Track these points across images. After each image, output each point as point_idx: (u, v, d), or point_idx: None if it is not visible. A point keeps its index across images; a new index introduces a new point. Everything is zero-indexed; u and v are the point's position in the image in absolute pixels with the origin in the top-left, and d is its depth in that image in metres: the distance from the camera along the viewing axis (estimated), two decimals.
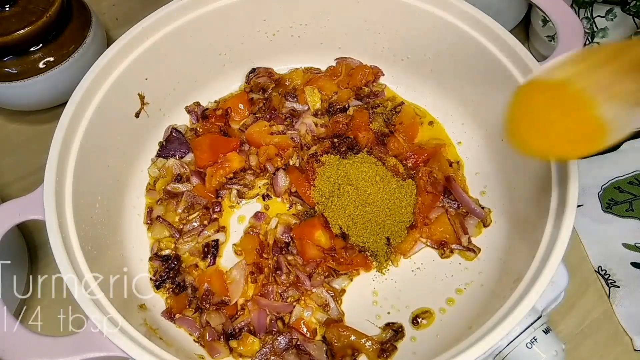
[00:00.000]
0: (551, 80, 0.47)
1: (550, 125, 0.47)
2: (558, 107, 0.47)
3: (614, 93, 0.45)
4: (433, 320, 0.66)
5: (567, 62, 0.48)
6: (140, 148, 0.77)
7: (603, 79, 0.46)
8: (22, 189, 0.83)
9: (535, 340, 0.56)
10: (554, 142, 0.48)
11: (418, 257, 0.71)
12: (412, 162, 0.75)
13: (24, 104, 0.86)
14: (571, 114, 0.46)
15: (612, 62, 0.46)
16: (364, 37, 0.80)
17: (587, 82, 0.46)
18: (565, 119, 0.47)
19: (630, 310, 0.70)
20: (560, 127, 0.47)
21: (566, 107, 0.46)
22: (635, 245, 0.75)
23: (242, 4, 0.75)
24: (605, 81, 0.46)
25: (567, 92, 0.46)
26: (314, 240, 0.69)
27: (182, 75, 0.79)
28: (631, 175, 0.81)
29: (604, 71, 0.46)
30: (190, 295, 0.68)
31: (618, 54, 0.46)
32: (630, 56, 0.46)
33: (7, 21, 0.76)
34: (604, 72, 0.46)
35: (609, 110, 0.45)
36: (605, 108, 0.45)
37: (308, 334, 0.65)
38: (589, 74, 0.46)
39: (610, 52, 0.47)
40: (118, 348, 0.50)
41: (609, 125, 0.45)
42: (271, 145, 0.77)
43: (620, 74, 0.45)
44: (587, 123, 0.45)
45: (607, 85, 0.45)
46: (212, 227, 0.72)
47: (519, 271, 0.56)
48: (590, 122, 0.45)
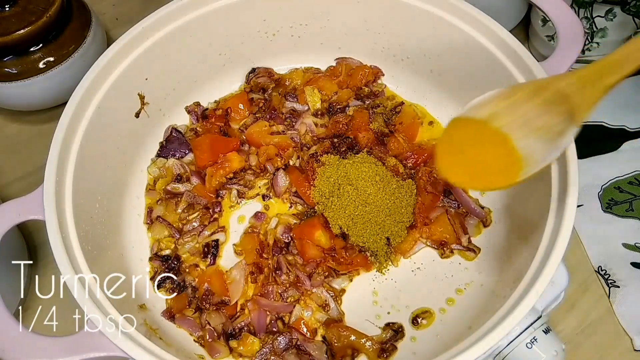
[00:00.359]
0: (474, 118, 0.51)
1: (471, 159, 0.52)
2: (479, 143, 0.51)
3: (533, 129, 0.49)
4: (433, 320, 0.66)
5: (490, 100, 0.51)
6: (140, 148, 0.77)
7: (523, 115, 0.49)
8: (22, 189, 0.83)
9: (535, 340, 0.56)
10: (475, 175, 0.52)
11: (418, 257, 0.71)
12: (412, 162, 0.75)
13: (24, 104, 0.86)
14: (490, 150, 0.50)
15: (532, 99, 0.50)
16: (364, 37, 0.80)
17: (507, 119, 0.49)
18: (484, 154, 0.51)
19: (630, 310, 0.70)
20: (480, 162, 0.51)
21: (486, 143, 0.50)
22: (635, 245, 0.75)
23: (242, 4, 0.75)
24: (525, 117, 0.49)
25: (488, 129, 0.50)
26: (314, 240, 0.69)
27: (182, 75, 0.79)
28: (631, 175, 0.81)
29: (524, 108, 0.49)
30: (190, 295, 0.68)
31: (538, 91, 0.50)
32: (549, 92, 0.49)
33: (7, 21, 0.76)
34: (524, 109, 0.49)
35: (527, 146, 0.48)
36: (523, 143, 0.48)
37: (308, 334, 0.65)
38: (510, 112, 0.50)
39: (532, 90, 0.50)
40: (118, 348, 0.50)
41: (526, 159, 0.48)
42: (271, 145, 0.77)
43: (539, 110, 0.49)
44: (505, 158, 0.49)
45: (526, 122, 0.49)
46: (212, 227, 0.72)
47: (519, 271, 0.56)
48: (508, 157, 0.49)
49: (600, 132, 0.85)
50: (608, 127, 0.85)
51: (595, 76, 0.48)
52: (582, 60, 0.89)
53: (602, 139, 0.84)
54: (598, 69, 0.48)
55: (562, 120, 0.48)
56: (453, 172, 0.53)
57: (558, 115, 0.48)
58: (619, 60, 0.47)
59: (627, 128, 0.85)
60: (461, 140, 0.53)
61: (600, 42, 0.85)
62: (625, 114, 0.86)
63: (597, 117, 0.86)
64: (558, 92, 0.49)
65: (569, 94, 0.48)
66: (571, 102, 0.48)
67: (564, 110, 0.48)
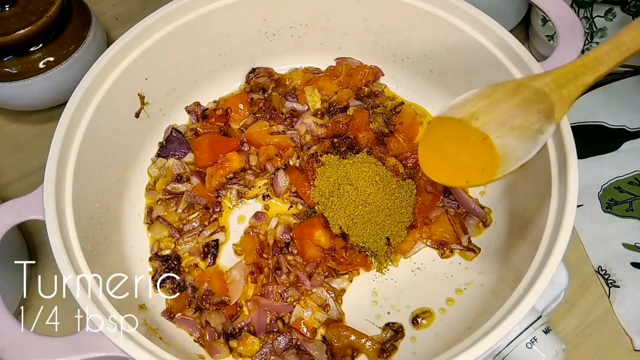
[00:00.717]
0: (455, 117, 0.53)
1: (451, 157, 0.54)
2: (459, 141, 0.53)
3: (511, 127, 0.50)
4: (433, 320, 0.66)
5: (471, 99, 0.53)
6: (140, 148, 0.77)
7: (501, 114, 0.51)
8: (22, 189, 0.83)
9: (535, 340, 0.56)
10: (455, 172, 0.53)
11: (418, 257, 0.71)
12: (412, 162, 0.75)
13: (24, 104, 0.86)
14: (470, 148, 0.52)
15: (511, 98, 0.51)
16: (364, 37, 0.80)
17: (486, 118, 0.51)
18: (464, 153, 0.53)
19: (630, 310, 0.70)
20: (460, 160, 0.53)
21: (466, 142, 0.52)
22: (635, 245, 0.75)
23: (242, 4, 0.75)
24: (504, 117, 0.51)
25: (467, 128, 0.52)
26: (314, 240, 0.69)
27: (182, 75, 0.79)
28: (631, 175, 0.81)
29: (503, 107, 0.51)
30: (190, 295, 0.68)
31: (517, 90, 0.51)
32: (528, 91, 0.51)
33: (7, 21, 0.76)
34: (503, 108, 0.51)
35: (505, 144, 0.50)
36: (501, 142, 0.50)
37: (308, 334, 0.65)
38: (489, 111, 0.52)
39: (511, 88, 0.52)
40: (118, 348, 0.50)
41: (505, 157, 0.50)
42: (271, 145, 0.77)
43: (518, 109, 0.51)
44: (484, 156, 0.51)
45: (505, 121, 0.51)
46: (212, 227, 0.72)
47: (519, 271, 0.56)
48: (487, 155, 0.51)
49: (600, 132, 0.85)
50: (608, 127, 0.85)
51: (572, 75, 0.49)
52: None
53: (602, 139, 0.84)
54: (574, 68, 0.49)
55: (540, 118, 0.50)
56: (435, 170, 0.54)
57: (536, 114, 0.50)
58: (595, 61, 0.48)
59: (627, 128, 0.85)
60: (442, 139, 0.54)
61: (600, 42, 0.85)
62: (625, 114, 0.86)
63: (597, 117, 0.86)
64: (536, 91, 0.50)
65: (547, 93, 0.50)
66: (549, 101, 0.49)
67: (542, 109, 0.50)
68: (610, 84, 0.88)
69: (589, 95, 0.88)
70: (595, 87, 0.88)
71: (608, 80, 0.88)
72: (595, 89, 0.88)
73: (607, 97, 0.87)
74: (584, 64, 0.49)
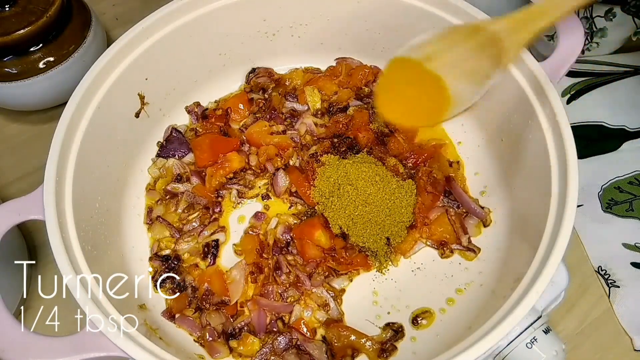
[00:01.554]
0: (411, 58, 0.54)
1: (406, 98, 0.56)
2: (414, 82, 0.55)
3: (463, 71, 0.52)
4: (433, 320, 0.66)
5: (429, 42, 0.55)
6: (140, 148, 0.77)
7: (456, 58, 0.53)
8: (22, 189, 0.83)
9: (535, 340, 0.56)
10: (407, 112, 0.56)
11: (418, 257, 0.71)
12: (412, 162, 0.75)
13: (24, 104, 0.86)
14: (424, 89, 0.54)
15: (467, 41, 0.53)
16: (364, 37, 0.80)
17: (441, 61, 0.53)
18: (419, 93, 0.55)
19: (630, 310, 0.70)
20: (414, 100, 0.55)
21: (421, 83, 0.54)
22: (635, 245, 0.75)
23: (242, 4, 0.75)
24: (457, 60, 0.53)
25: (423, 69, 0.53)
26: (314, 240, 0.69)
27: (182, 75, 0.79)
28: (631, 175, 0.81)
29: (458, 50, 0.53)
30: (190, 295, 0.68)
31: (472, 33, 0.53)
32: (483, 35, 0.52)
33: (7, 21, 0.76)
34: (457, 52, 0.53)
35: (456, 87, 0.52)
36: (453, 85, 0.52)
37: (308, 334, 0.65)
38: (444, 54, 0.53)
39: (467, 32, 0.54)
40: (118, 348, 0.50)
41: (455, 99, 0.52)
42: (271, 145, 0.77)
43: (471, 53, 0.52)
44: (436, 97, 0.53)
45: (458, 64, 0.53)
46: (212, 227, 0.72)
47: (519, 271, 0.56)
48: (439, 96, 0.52)
49: (600, 132, 0.85)
50: (608, 127, 0.85)
51: (526, 20, 0.50)
52: (582, 60, 0.89)
53: (602, 139, 0.84)
54: (528, 13, 0.50)
55: (490, 64, 0.51)
56: (389, 110, 0.56)
57: (487, 59, 0.51)
58: (548, 7, 0.50)
59: (627, 128, 0.85)
60: (399, 80, 0.56)
61: (600, 42, 0.85)
62: (625, 114, 0.86)
63: (597, 117, 0.86)
64: (490, 35, 0.51)
65: (501, 38, 0.51)
66: (500, 46, 0.51)
67: (492, 54, 0.51)
68: (610, 84, 0.88)
69: (589, 95, 0.88)
70: (595, 87, 0.88)
71: (608, 80, 0.88)
72: (595, 89, 0.88)
73: (607, 97, 0.87)
74: (539, 9, 0.50)
